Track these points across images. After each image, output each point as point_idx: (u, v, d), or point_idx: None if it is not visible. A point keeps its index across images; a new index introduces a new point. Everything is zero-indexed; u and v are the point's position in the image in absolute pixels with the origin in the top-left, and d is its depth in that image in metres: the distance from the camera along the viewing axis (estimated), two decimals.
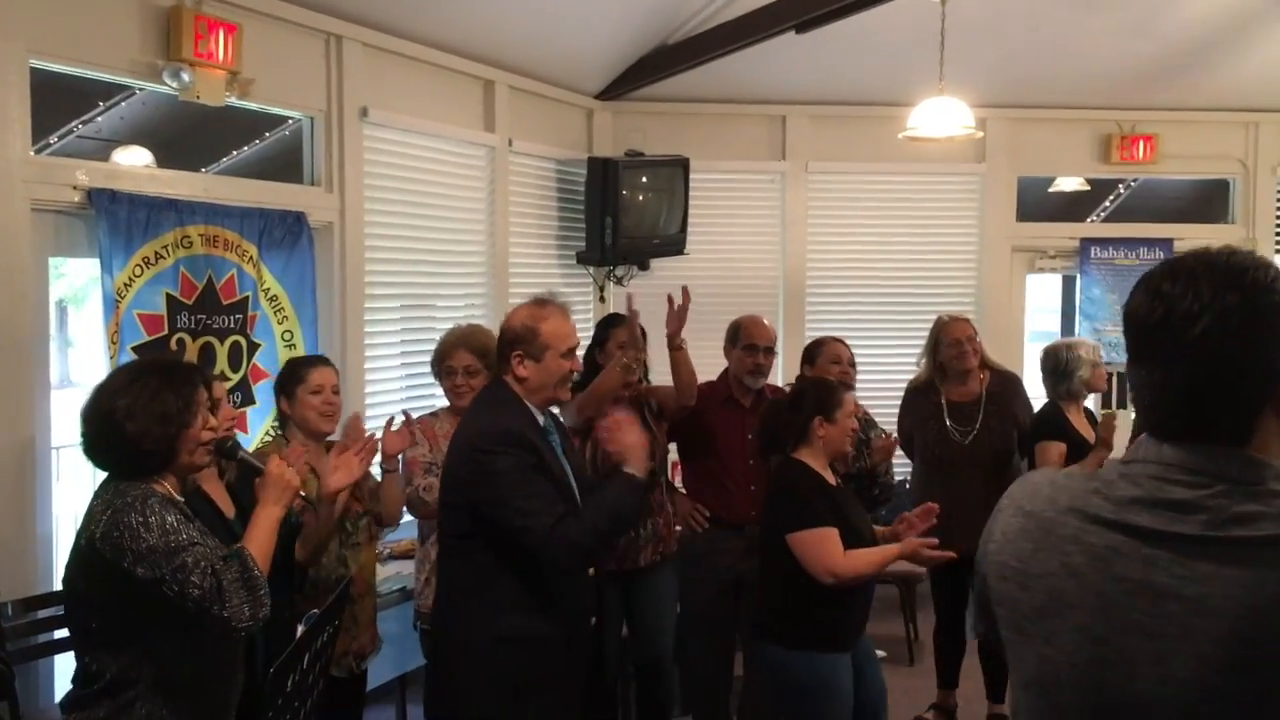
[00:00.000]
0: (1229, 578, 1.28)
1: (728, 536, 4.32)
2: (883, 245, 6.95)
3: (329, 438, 3.57)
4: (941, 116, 5.16)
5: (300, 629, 2.48)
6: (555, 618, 2.92)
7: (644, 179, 6.37)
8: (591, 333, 6.52)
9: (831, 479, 3.54)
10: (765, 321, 4.42)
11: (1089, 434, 4.49)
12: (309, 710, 2.49)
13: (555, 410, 3.22)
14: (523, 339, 3.00)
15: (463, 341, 3.89)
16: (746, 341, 4.31)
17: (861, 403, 4.43)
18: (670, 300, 3.99)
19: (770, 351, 4.35)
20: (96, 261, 3.78)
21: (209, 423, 2.59)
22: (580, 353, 3.27)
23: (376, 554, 3.90)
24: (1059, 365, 4.61)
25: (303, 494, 2.80)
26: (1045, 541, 1.43)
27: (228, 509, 3.08)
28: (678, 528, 4.30)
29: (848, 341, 4.50)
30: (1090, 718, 1.37)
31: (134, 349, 3.84)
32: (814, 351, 4.43)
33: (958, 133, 5.23)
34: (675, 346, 4.03)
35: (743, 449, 4.01)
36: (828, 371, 4.30)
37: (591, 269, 6.51)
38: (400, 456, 3.69)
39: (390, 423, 3.70)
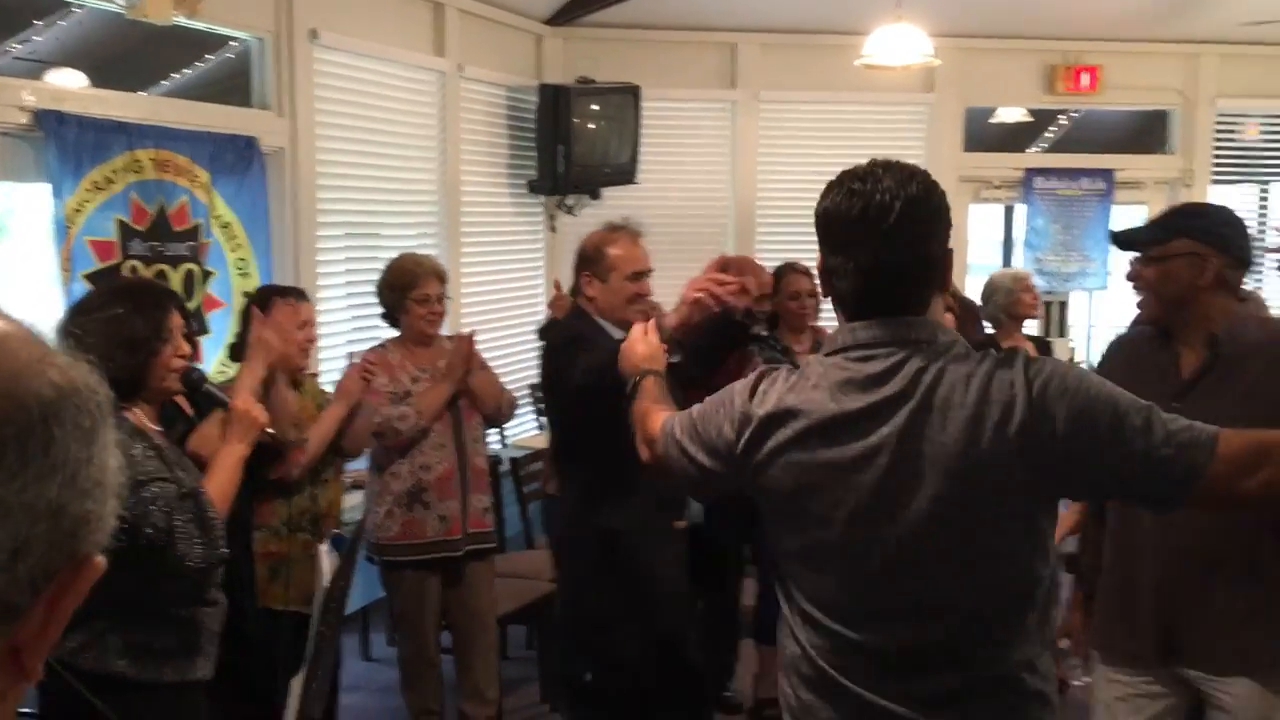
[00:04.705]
0: (932, 426, 1.58)
1: None
2: (833, 174, 6.93)
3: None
4: (899, 44, 5.15)
5: (330, 555, 2.47)
6: (635, 512, 3.06)
7: (595, 107, 6.30)
8: (543, 263, 6.59)
9: None
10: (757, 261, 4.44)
11: None
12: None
13: None
14: (592, 260, 3.16)
15: (433, 270, 3.85)
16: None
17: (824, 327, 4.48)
18: None
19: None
20: (35, 186, 3.65)
21: (182, 349, 2.53)
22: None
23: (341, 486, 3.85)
24: (983, 294, 4.76)
25: (269, 430, 2.75)
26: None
27: (187, 408, 3.02)
28: None
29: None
30: (851, 574, 1.67)
31: (86, 276, 3.73)
32: (775, 282, 4.41)
33: (916, 61, 5.22)
34: None
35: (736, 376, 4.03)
36: (786, 307, 4.30)
37: (543, 198, 6.44)
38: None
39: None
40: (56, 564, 0.67)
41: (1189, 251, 2.34)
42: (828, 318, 4.51)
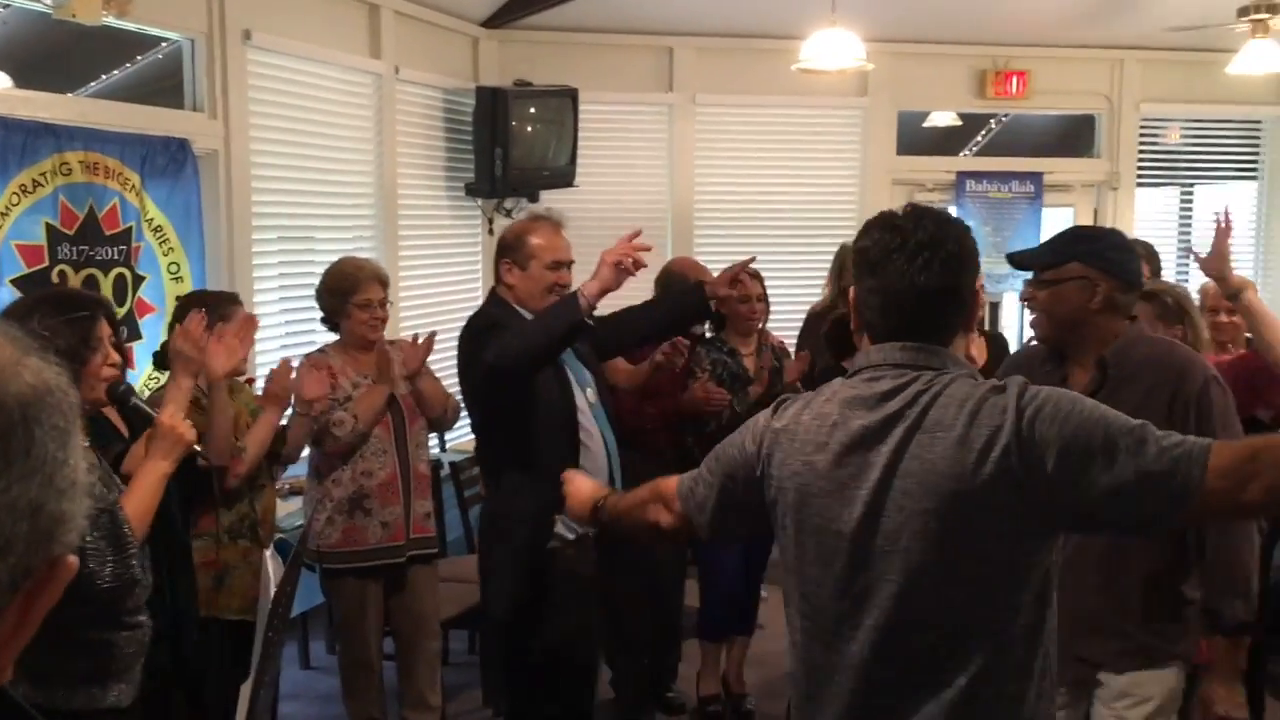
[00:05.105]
0: (922, 445, 1.65)
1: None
2: (769, 177, 7.02)
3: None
4: (834, 49, 5.21)
5: (275, 560, 2.43)
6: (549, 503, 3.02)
7: (533, 110, 6.29)
8: (481, 267, 6.56)
9: None
10: (701, 263, 4.48)
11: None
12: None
13: None
14: (512, 247, 3.17)
15: (375, 275, 3.83)
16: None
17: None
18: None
19: None
20: None
21: (111, 358, 2.48)
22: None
23: (277, 490, 3.82)
24: None
25: (197, 447, 2.68)
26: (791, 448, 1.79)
27: (122, 428, 2.97)
28: None
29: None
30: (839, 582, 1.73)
31: (13, 281, 3.65)
32: None
33: (850, 65, 5.29)
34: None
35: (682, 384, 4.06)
36: (735, 310, 4.31)
37: (480, 201, 6.42)
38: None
39: (300, 364, 3.68)
40: (34, 563, 0.66)
41: (1080, 275, 2.43)
42: (774, 324, 4.58)
